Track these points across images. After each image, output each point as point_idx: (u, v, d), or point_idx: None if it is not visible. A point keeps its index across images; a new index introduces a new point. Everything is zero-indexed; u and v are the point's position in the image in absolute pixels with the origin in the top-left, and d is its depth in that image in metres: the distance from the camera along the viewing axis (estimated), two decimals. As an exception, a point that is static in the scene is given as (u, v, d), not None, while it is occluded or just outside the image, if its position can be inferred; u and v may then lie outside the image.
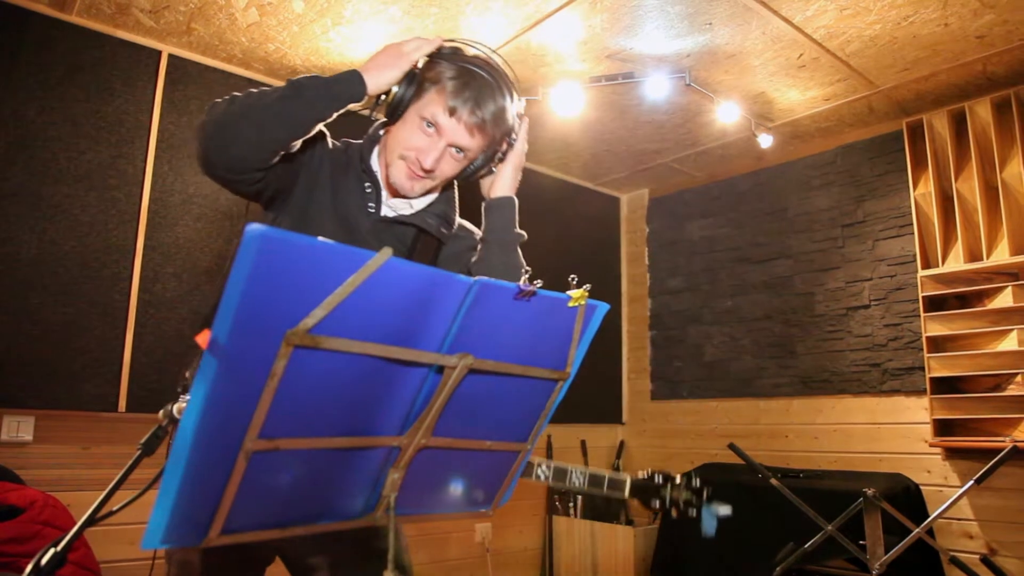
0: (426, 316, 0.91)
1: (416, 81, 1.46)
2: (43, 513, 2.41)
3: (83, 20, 2.97)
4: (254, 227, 0.73)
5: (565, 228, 4.63)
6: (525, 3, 2.80)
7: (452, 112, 1.44)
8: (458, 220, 1.68)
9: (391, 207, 1.57)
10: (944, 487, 3.40)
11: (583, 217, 4.81)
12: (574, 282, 1.11)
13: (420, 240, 1.58)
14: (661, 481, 1.98)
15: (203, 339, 0.76)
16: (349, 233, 1.52)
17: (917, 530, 2.37)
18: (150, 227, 3.03)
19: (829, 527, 2.48)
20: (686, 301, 4.65)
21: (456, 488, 1.14)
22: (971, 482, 2.41)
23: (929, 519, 2.47)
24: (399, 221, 1.56)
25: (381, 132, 1.58)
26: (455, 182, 1.65)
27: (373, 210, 1.54)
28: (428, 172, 1.47)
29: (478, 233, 1.63)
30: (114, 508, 1.12)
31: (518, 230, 1.60)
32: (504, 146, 1.58)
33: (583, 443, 4.58)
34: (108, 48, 3.03)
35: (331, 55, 3.20)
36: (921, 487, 3.44)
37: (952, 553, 2.47)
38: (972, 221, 3.39)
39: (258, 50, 3.19)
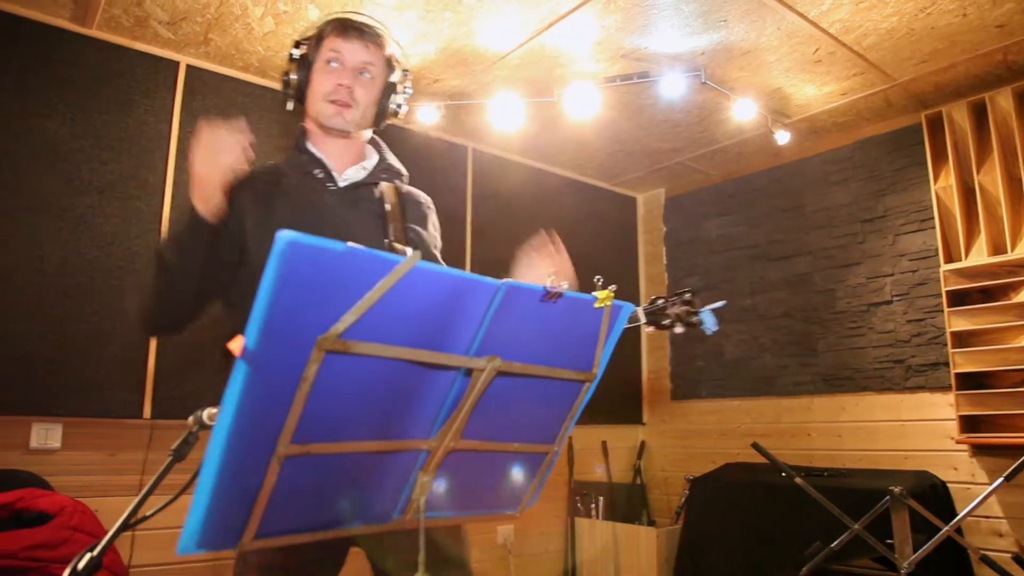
0: (454, 319, 0.91)
1: (306, 61, 1.68)
2: (72, 519, 2.44)
3: (103, 34, 3.01)
4: (284, 233, 0.74)
5: (581, 229, 4.62)
6: (539, 5, 2.81)
7: (345, 34, 1.64)
8: (410, 183, 1.83)
9: (346, 178, 1.70)
10: (972, 484, 3.36)
11: (599, 218, 4.80)
12: (599, 283, 1.11)
13: (385, 198, 1.71)
14: (662, 302, 2.12)
15: (236, 345, 0.77)
16: (318, 216, 1.61)
17: (946, 528, 2.34)
18: (172, 236, 3.06)
19: (856, 526, 2.46)
20: (705, 300, 4.62)
21: (484, 490, 1.15)
22: (1000, 479, 2.38)
23: (959, 517, 2.44)
24: (359, 184, 1.69)
25: (302, 123, 1.75)
26: (378, 139, 1.82)
27: (332, 186, 1.66)
28: (351, 97, 1.63)
29: (426, 197, 1.83)
30: (147, 513, 1.14)
31: None
32: (400, 80, 1.77)
33: (604, 444, 4.57)
34: (128, 61, 3.07)
35: (347, 61, 3.22)
36: (948, 484, 3.40)
37: (983, 552, 2.44)
38: (995, 214, 3.35)
39: (274, 58, 3.21)
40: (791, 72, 3.35)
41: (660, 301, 2.12)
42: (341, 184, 1.68)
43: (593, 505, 4.32)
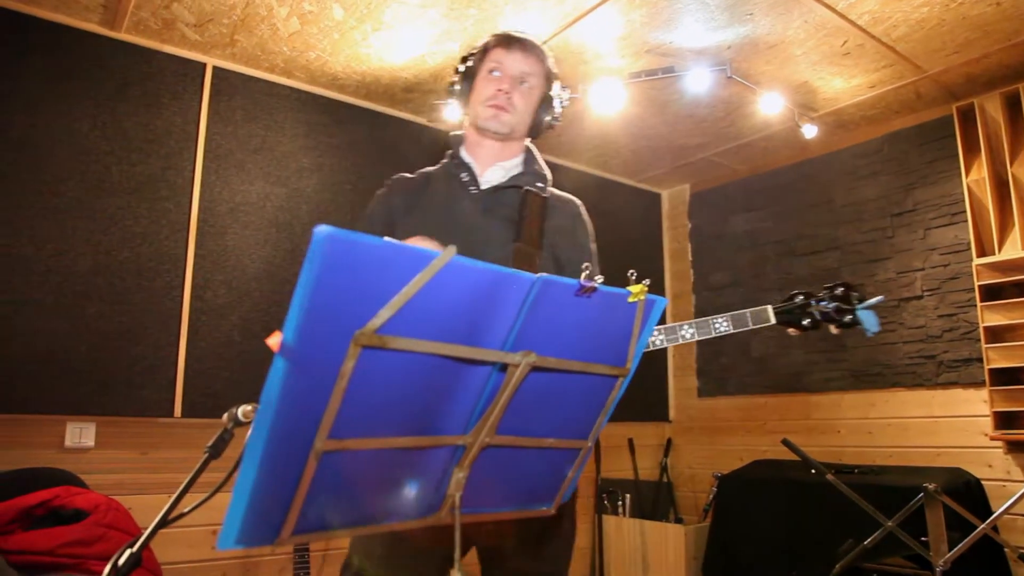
0: (490, 313, 0.91)
1: (471, 72, 1.78)
2: (107, 516, 2.47)
3: (131, 37, 3.04)
4: (322, 228, 0.74)
5: (606, 225, 4.55)
6: (563, 1, 2.80)
7: (508, 46, 1.73)
8: (558, 191, 1.85)
9: (488, 180, 1.76)
10: (1008, 482, 3.30)
11: (624, 214, 4.78)
12: (633, 277, 1.10)
13: (526, 203, 1.72)
14: (803, 299, 1.93)
15: (274, 341, 0.78)
16: (452, 220, 1.68)
17: (983, 526, 2.30)
18: (200, 236, 3.09)
19: (889, 523, 2.42)
20: (731, 296, 4.60)
21: (518, 486, 1.14)
22: (1037, 475, 2.34)
23: (996, 514, 2.40)
24: (498, 188, 1.74)
25: (460, 132, 1.84)
26: (532, 146, 1.86)
27: (474, 190, 1.74)
28: (509, 103, 1.71)
29: (575, 201, 1.85)
30: (184, 510, 1.15)
31: None
32: (557, 94, 1.82)
33: (630, 441, 4.55)
34: (156, 63, 3.10)
35: (371, 61, 3.23)
36: (983, 482, 3.34)
37: (1021, 550, 2.40)
38: (1029, 206, 3.29)
39: (299, 59, 3.23)
40: (818, 65, 3.31)
41: (800, 298, 1.98)
42: (483, 187, 1.74)
43: (620, 503, 4.30)
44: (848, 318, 1.90)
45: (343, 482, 0.92)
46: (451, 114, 3.62)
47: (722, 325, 1.87)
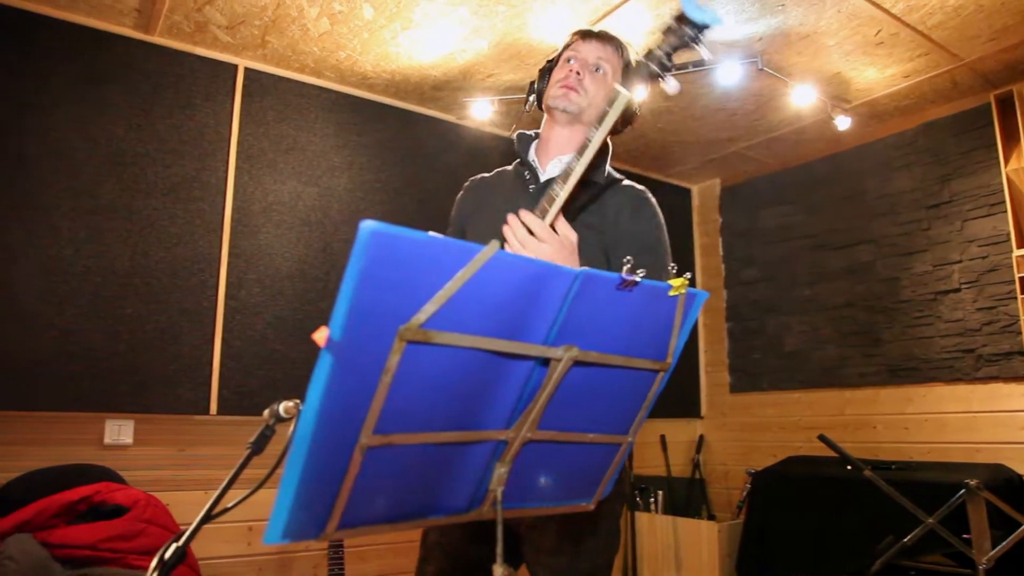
0: (532, 308, 0.90)
1: (548, 68, 1.81)
2: (146, 512, 2.51)
3: (165, 40, 3.08)
4: (367, 223, 0.74)
5: (636, 221, 4.58)
6: (593, -5, 2.79)
7: (584, 37, 1.74)
8: (614, 174, 1.81)
9: (547, 173, 1.76)
10: (1050, 477, 3.24)
11: (654, 209, 4.75)
12: (674, 271, 1.09)
13: (577, 194, 1.65)
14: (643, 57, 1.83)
15: (320, 336, 0.78)
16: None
17: (1026, 521, 2.26)
18: (233, 235, 3.13)
19: (930, 520, 2.39)
20: (763, 291, 4.55)
21: (559, 481, 1.14)
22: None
23: (1039, 510, 2.36)
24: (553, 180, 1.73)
25: (530, 132, 1.86)
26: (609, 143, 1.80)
27: (533, 187, 1.74)
28: (579, 83, 1.68)
29: (635, 189, 1.79)
30: (228, 505, 1.16)
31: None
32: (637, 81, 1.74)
33: (663, 438, 4.53)
34: (188, 65, 3.14)
35: (400, 60, 3.24)
36: (1024, 478, 3.28)
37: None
38: (1071, 196, 3.22)
39: (329, 58, 3.25)
40: (851, 56, 3.26)
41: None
42: (542, 181, 1.74)
43: (652, 499, 4.28)
44: (685, 31, 1.73)
45: (387, 477, 0.92)
46: (480, 112, 3.62)
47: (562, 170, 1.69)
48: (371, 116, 3.59)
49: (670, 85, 1.57)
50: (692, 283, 1.08)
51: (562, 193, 1.42)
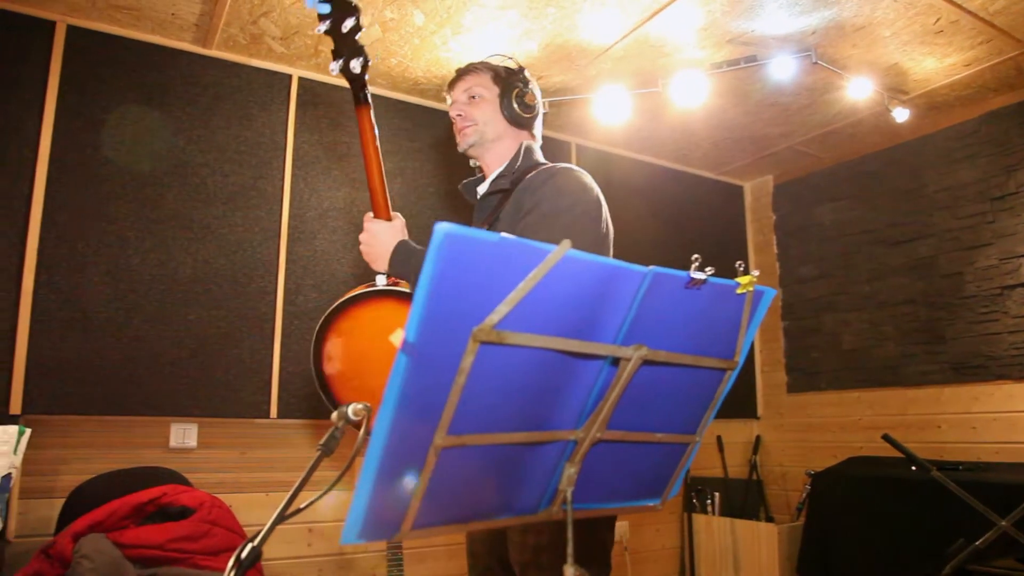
0: (602, 307, 0.91)
1: None
2: (211, 513, 2.57)
3: (222, 52, 3.16)
4: (442, 225, 0.75)
5: (687, 221, 4.53)
6: (643, -6, 2.77)
7: (450, 86, 1.98)
8: (535, 170, 1.80)
9: (481, 191, 1.95)
10: None
11: (705, 208, 4.70)
12: (741, 268, 1.08)
13: (501, 203, 1.82)
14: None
15: (397, 338, 0.79)
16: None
17: (1106, 523, 2.17)
18: (291, 242, 3.19)
19: (1003, 522, 2.31)
20: (820, 288, 4.47)
21: (627, 481, 1.14)
22: None
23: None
24: (484, 197, 1.92)
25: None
26: (528, 144, 1.93)
27: (475, 200, 1.98)
28: (465, 121, 1.90)
29: (540, 174, 1.76)
30: (300, 506, 1.18)
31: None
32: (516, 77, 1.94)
33: (719, 439, 4.47)
34: (245, 76, 3.21)
35: (450, 64, 3.27)
36: (1101, 477, 3.16)
37: None
38: None
39: (381, 66, 3.29)
40: (909, 46, 3.18)
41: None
42: (478, 197, 1.94)
43: (709, 501, 4.23)
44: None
45: (459, 478, 0.93)
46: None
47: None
48: (422, 121, 3.63)
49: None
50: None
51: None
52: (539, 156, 1.94)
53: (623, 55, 3.22)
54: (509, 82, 1.92)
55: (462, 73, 1.96)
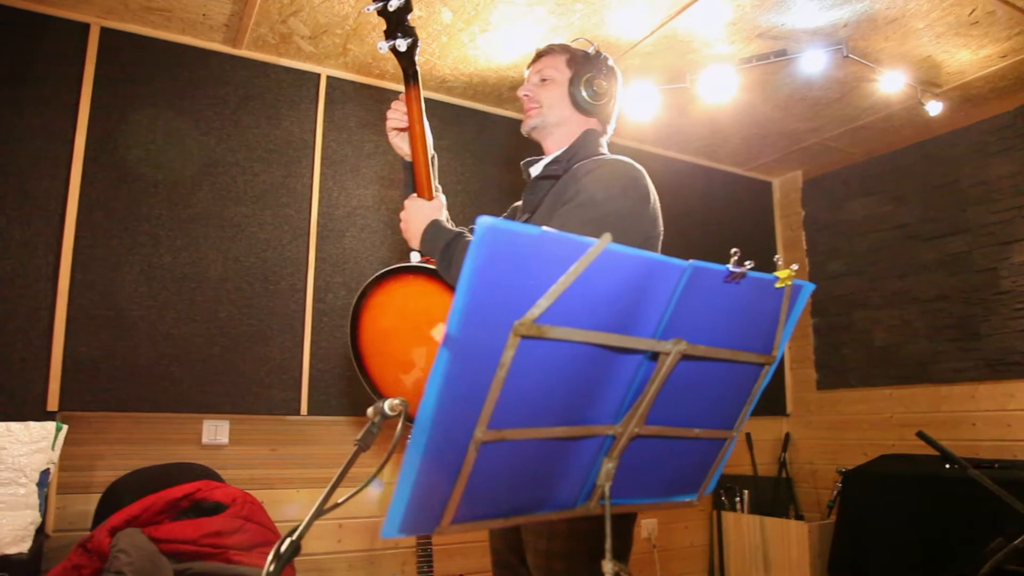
0: (641, 301, 0.90)
1: None
2: (244, 509, 2.60)
3: (252, 52, 3.18)
4: (484, 219, 0.75)
5: (715, 217, 4.50)
6: (671, -11, 2.75)
7: (530, 64, 1.94)
8: (587, 159, 1.77)
9: (531, 174, 1.90)
10: None
11: (733, 204, 4.66)
12: (779, 262, 1.07)
13: (549, 190, 1.78)
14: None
15: (438, 333, 0.79)
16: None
17: None
18: (320, 240, 3.21)
19: (1043, 520, 2.27)
20: (850, 285, 4.41)
21: (664, 477, 1.13)
22: None
23: None
24: (537, 179, 1.86)
25: None
26: (592, 130, 1.87)
27: (529, 180, 1.90)
28: (532, 103, 1.86)
29: (585, 165, 1.72)
30: (338, 501, 1.19)
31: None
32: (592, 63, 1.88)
33: (748, 436, 4.44)
34: (274, 76, 3.23)
35: (478, 62, 3.27)
36: None
37: None
38: None
39: (409, 64, 3.30)
40: (943, 38, 3.13)
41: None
42: (531, 179, 1.89)
43: (738, 499, 4.20)
44: None
45: (499, 472, 0.93)
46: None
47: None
48: (450, 119, 3.64)
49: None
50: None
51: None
52: (601, 146, 1.86)
53: (651, 51, 3.20)
54: (583, 66, 1.87)
55: (540, 54, 1.92)
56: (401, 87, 1.87)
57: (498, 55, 3.22)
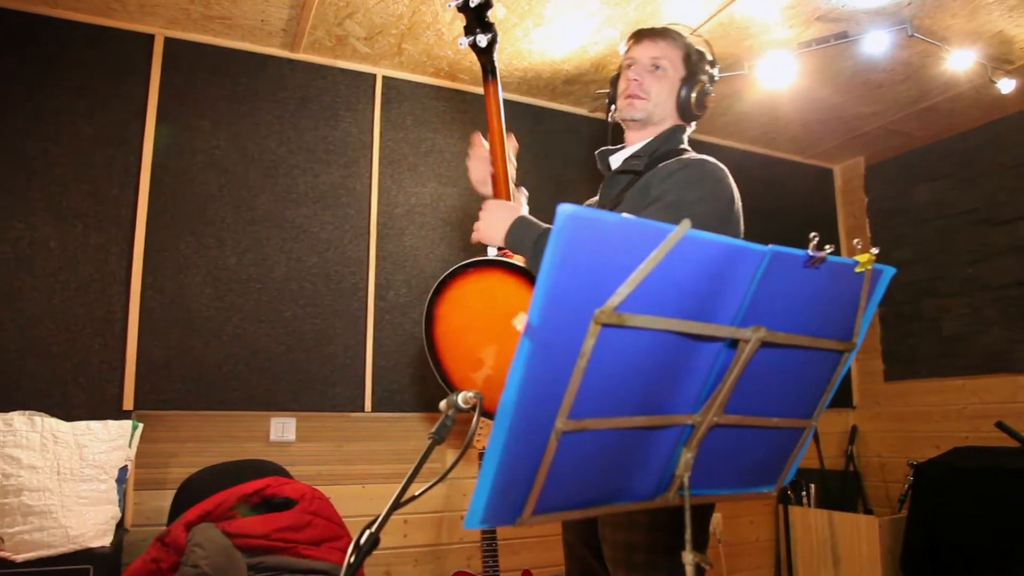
0: (721, 288, 0.89)
1: (615, 79, 1.88)
2: (312, 504, 2.65)
3: (309, 56, 3.24)
4: (565, 207, 0.75)
5: (775, 206, 4.40)
6: (727, -26, 2.71)
7: (637, 40, 1.79)
8: (671, 158, 1.72)
9: (611, 165, 1.85)
10: None
11: (794, 192, 4.56)
12: (859, 246, 1.04)
13: (630, 183, 1.74)
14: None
15: (519, 322, 0.79)
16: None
17: None
18: (380, 239, 3.25)
19: None
20: (917, 272, 4.28)
21: (743, 467, 1.11)
22: None
23: None
24: (619, 172, 1.80)
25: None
26: (679, 126, 1.82)
27: (607, 172, 1.84)
28: (641, 91, 1.75)
29: (672, 162, 1.68)
30: (416, 493, 1.20)
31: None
32: (704, 68, 1.82)
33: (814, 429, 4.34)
34: (331, 78, 3.28)
35: (532, 56, 3.27)
36: None
37: None
38: None
39: (463, 61, 3.31)
40: (1016, 11, 3.01)
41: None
42: (612, 171, 1.83)
43: (804, 493, 4.12)
44: None
45: (579, 462, 0.92)
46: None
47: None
48: (505, 114, 3.63)
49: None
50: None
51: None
52: (683, 143, 1.82)
53: (707, 38, 3.15)
54: (698, 69, 1.79)
55: (656, 35, 1.78)
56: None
57: (552, 49, 3.21)
